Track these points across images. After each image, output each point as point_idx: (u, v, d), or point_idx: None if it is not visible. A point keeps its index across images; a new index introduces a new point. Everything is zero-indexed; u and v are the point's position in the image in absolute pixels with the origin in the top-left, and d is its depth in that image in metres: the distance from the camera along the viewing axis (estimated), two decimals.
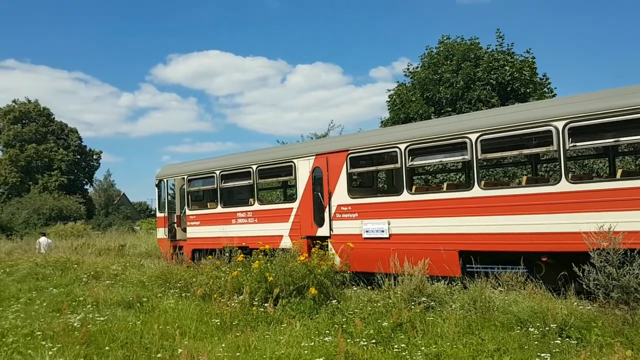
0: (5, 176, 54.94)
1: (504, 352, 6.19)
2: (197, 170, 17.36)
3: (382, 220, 12.05)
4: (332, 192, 13.15)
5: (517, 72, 24.14)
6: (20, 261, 17.08)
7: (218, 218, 16.24)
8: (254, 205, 15.22)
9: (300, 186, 14.00)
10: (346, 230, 12.72)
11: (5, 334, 7.89)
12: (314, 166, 13.70)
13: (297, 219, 14.01)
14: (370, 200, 12.61)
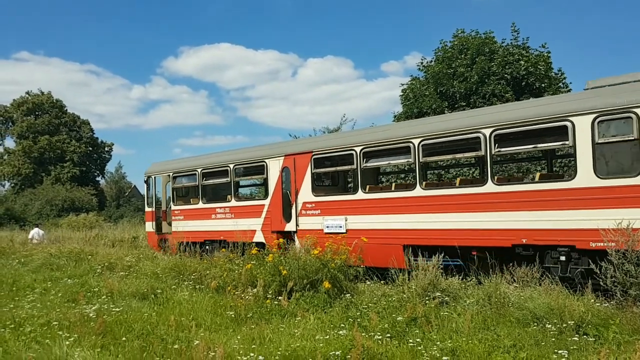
0: (19, 167, 55.45)
1: (520, 349, 6.16)
2: (181, 168, 18.44)
3: (341, 217, 13.08)
4: (299, 190, 14.15)
5: (532, 67, 23.92)
6: (35, 252, 17.25)
7: (200, 213, 17.26)
8: (231, 202, 16.22)
9: (271, 184, 15.00)
10: (310, 226, 13.70)
11: (23, 324, 7.99)
12: (283, 166, 14.68)
13: (269, 214, 14.98)
14: (331, 199, 13.66)
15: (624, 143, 8.92)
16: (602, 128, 9.13)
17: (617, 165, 9.10)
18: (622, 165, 9.02)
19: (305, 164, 14.06)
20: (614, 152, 9.12)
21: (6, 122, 59.73)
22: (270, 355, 5.99)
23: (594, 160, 9.14)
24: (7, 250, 18.53)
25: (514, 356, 5.89)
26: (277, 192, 14.85)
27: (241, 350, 6.26)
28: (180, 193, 18.72)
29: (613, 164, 9.13)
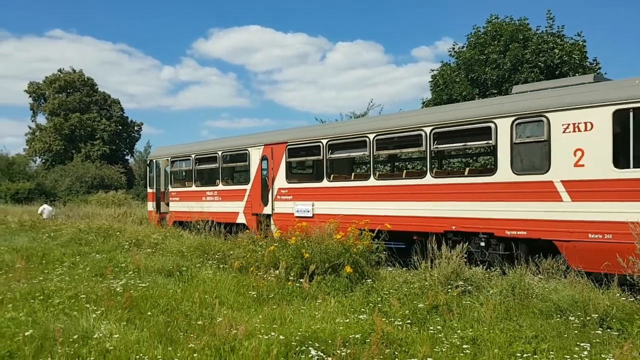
0: (50, 144, 56.62)
1: (542, 340, 6.11)
2: (179, 153, 20.20)
3: (308, 202, 14.51)
4: (275, 177, 15.61)
5: (566, 56, 23.37)
6: (64, 226, 17.67)
7: (193, 195, 19.01)
8: (219, 186, 17.91)
9: (253, 171, 16.50)
10: (283, 210, 15.24)
11: (52, 296, 8.20)
12: (263, 154, 16.11)
13: (250, 198, 16.53)
14: (301, 185, 15.07)
15: (536, 143, 10.13)
16: (519, 129, 10.37)
17: (529, 163, 10.27)
18: (534, 163, 10.18)
19: (281, 153, 15.46)
20: (527, 151, 10.32)
21: (38, 99, 60.85)
22: (290, 335, 6.05)
23: (511, 158, 10.36)
24: (38, 225, 19.01)
25: (535, 347, 5.85)
26: (257, 178, 16.30)
27: (262, 329, 6.35)
28: (177, 176, 20.54)
29: (527, 161, 10.32)
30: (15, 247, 13.69)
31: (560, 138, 9.74)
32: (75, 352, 5.49)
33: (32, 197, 41.81)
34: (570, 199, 9.57)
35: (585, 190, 9.42)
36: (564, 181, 9.68)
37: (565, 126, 9.71)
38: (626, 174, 8.94)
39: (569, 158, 9.62)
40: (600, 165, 9.26)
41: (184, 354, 5.51)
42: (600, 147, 9.26)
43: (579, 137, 9.52)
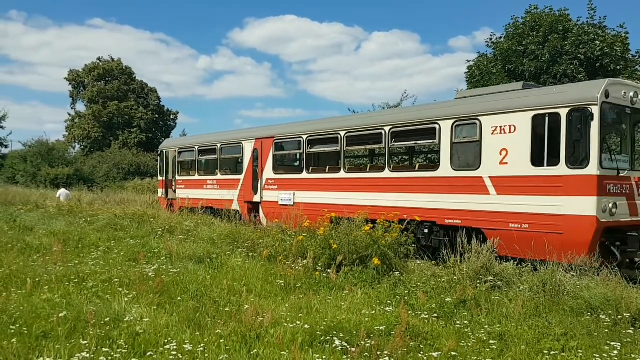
0: (89, 131, 57.93)
1: (571, 338, 6.00)
2: (185, 145, 22.34)
3: (290, 192, 16.07)
4: (264, 169, 17.26)
5: (607, 48, 22.66)
6: (100, 212, 18.08)
7: (196, 183, 20.84)
8: (218, 176, 19.70)
9: (246, 162, 18.22)
10: (270, 198, 16.90)
11: (86, 279, 8.43)
12: (254, 147, 17.81)
13: (243, 187, 18.26)
14: (285, 177, 16.61)
15: (470, 143, 11.48)
16: (458, 131, 11.74)
17: (465, 160, 11.64)
18: (468, 160, 11.53)
19: (269, 147, 17.13)
20: (464, 150, 11.70)
21: (78, 86, 62.27)
22: (316, 325, 6.10)
23: (451, 156, 11.77)
24: (75, 210, 19.51)
25: (564, 344, 5.76)
26: (249, 169, 18.01)
27: (288, 317, 6.41)
28: (183, 166, 22.23)
29: (463, 159, 11.69)
30: (53, 231, 14.08)
31: (489, 139, 11.07)
32: (106, 334, 5.65)
33: (71, 182, 42.94)
34: (496, 193, 10.93)
35: (508, 185, 10.73)
36: (491, 177, 11.03)
37: (494, 128, 11.04)
38: (541, 172, 10.20)
39: (495, 156, 10.93)
40: (520, 163, 10.53)
41: (211, 339, 5.61)
42: (521, 147, 10.54)
43: (504, 138, 10.85)
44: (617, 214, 9.89)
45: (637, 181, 10.52)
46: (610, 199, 9.81)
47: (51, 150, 49.47)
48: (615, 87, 10.21)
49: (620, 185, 10.09)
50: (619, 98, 10.26)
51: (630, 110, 10.65)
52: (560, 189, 9.92)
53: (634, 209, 10.38)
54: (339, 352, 5.34)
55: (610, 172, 9.92)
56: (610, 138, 11.37)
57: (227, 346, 5.44)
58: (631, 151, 11.09)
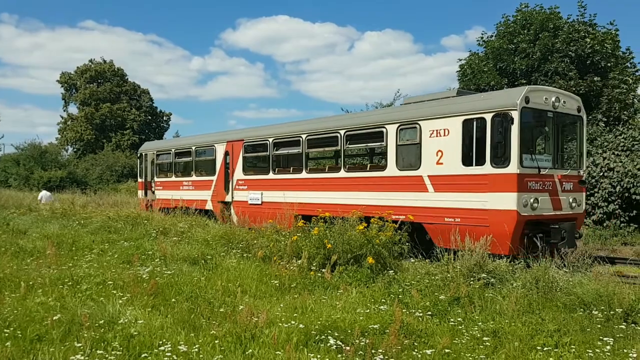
0: (81, 133, 57.68)
1: (564, 333, 6.05)
2: (162, 148, 23.45)
3: (259, 192, 17.00)
4: (234, 170, 18.21)
5: (598, 45, 22.77)
6: (94, 214, 18.02)
7: (173, 185, 21.87)
8: (193, 177, 20.66)
9: (218, 164, 19.05)
10: (240, 198, 17.84)
11: (80, 282, 8.40)
12: (226, 150, 18.68)
13: (216, 188, 19.13)
14: (254, 177, 17.54)
15: (412, 145, 12.51)
16: (402, 134, 12.77)
17: (408, 161, 12.70)
18: (411, 161, 12.62)
19: (239, 149, 18.10)
20: (407, 151, 12.75)
21: (70, 89, 62.00)
22: (310, 324, 6.11)
23: (396, 157, 12.81)
24: (68, 212, 19.43)
25: (557, 340, 5.81)
26: (222, 171, 18.83)
27: (283, 317, 6.42)
28: (161, 168, 23.20)
29: (406, 160, 12.74)
30: (47, 234, 14.03)
31: (428, 141, 12.07)
32: (100, 336, 5.64)
33: (64, 185, 42.74)
34: (433, 190, 11.94)
35: (443, 183, 11.73)
36: (430, 176, 12.05)
37: (431, 132, 12.02)
38: (470, 171, 11.21)
39: (433, 157, 11.94)
40: (453, 163, 11.51)
41: (205, 340, 5.62)
42: (453, 149, 11.55)
43: (440, 140, 11.83)
44: (538, 209, 10.87)
45: (560, 178, 11.52)
46: (531, 194, 10.79)
47: (44, 153, 49.21)
48: (536, 93, 11.19)
49: (542, 183, 11.10)
50: (540, 103, 11.23)
51: (553, 114, 11.68)
52: (485, 186, 10.90)
53: (557, 204, 11.42)
54: (333, 351, 5.36)
55: (531, 170, 10.88)
56: (533, 139, 12.22)
57: (222, 347, 5.45)
58: (554, 151, 11.92)
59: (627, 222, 18.14)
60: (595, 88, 22.10)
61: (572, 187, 11.86)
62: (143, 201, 23.60)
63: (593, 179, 18.95)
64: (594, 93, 22.36)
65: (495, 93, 12.29)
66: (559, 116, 11.93)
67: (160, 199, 22.05)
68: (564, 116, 12.11)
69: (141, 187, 24.33)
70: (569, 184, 11.78)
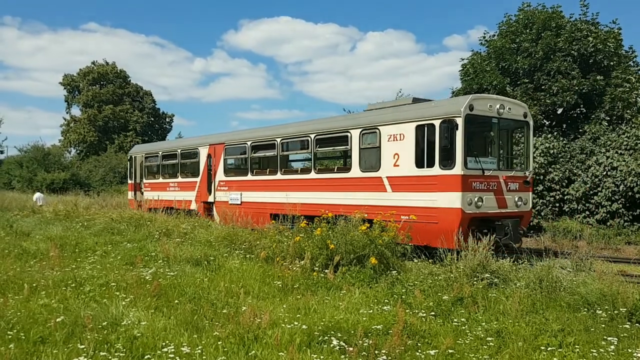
0: (84, 135, 57.79)
1: (568, 333, 6.04)
2: (150, 151, 24.66)
3: (238, 192, 18.07)
4: (216, 172, 19.23)
5: (600, 44, 22.69)
6: (97, 216, 18.06)
7: (160, 186, 22.93)
8: (179, 178, 21.74)
9: (202, 166, 20.13)
10: (221, 198, 18.88)
11: (83, 283, 8.41)
12: (208, 153, 19.74)
13: (199, 189, 20.22)
14: (234, 179, 18.57)
15: (373, 149, 13.41)
16: (364, 138, 13.76)
17: (369, 163, 13.60)
18: (372, 163, 13.50)
19: (220, 152, 19.12)
20: (368, 154, 13.63)
21: (73, 91, 62.11)
22: (313, 325, 6.11)
23: (359, 160, 13.79)
24: (72, 214, 19.48)
25: (561, 340, 5.79)
26: (205, 172, 19.91)
27: (286, 318, 6.41)
28: (149, 170, 24.28)
29: (368, 162, 13.65)
30: (50, 236, 14.07)
31: (386, 145, 13.01)
32: (104, 338, 5.64)
33: (67, 187, 42.81)
34: (391, 190, 12.89)
35: (400, 184, 12.68)
36: (388, 177, 12.99)
37: (389, 136, 12.98)
38: (422, 172, 12.20)
39: (391, 160, 12.89)
40: (408, 165, 12.50)
41: (208, 341, 5.62)
42: (408, 152, 12.51)
43: (396, 144, 12.79)
44: (483, 207, 11.81)
45: (505, 179, 12.42)
46: (476, 194, 11.73)
47: (47, 155, 49.31)
48: (480, 101, 12.08)
49: (486, 183, 12.04)
50: (484, 110, 12.13)
51: (497, 120, 12.61)
52: (435, 186, 11.88)
53: (503, 203, 12.38)
54: (336, 352, 5.35)
55: (476, 172, 11.80)
56: (478, 143, 13.16)
57: (225, 348, 5.45)
58: (498, 154, 13.20)
59: (631, 221, 18.09)
60: (598, 87, 22.03)
61: (517, 187, 12.77)
62: (133, 202, 24.46)
63: (596, 178, 18.90)
64: (596, 92, 22.30)
65: (444, 101, 13.07)
66: (504, 122, 12.87)
67: (149, 199, 22.87)
68: (510, 122, 13.04)
69: (131, 189, 25.42)
70: (514, 184, 12.68)
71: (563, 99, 21.92)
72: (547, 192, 19.88)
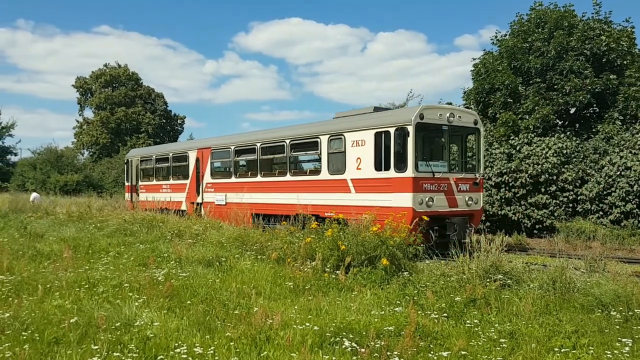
0: (97, 137, 58.24)
1: (582, 335, 5.98)
2: (145, 154, 26.07)
3: (223, 194, 19.35)
4: (204, 174, 20.65)
5: (613, 43, 22.45)
6: (110, 217, 18.17)
7: (154, 188, 24.40)
8: (170, 181, 23.19)
9: (191, 169, 21.61)
10: (208, 199, 20.24)
11: (96, 284, 8.48)
12: (197, 157, 21.18)
13: (189, 190, 21.67)
14: (220, 181, 19.85)
15: (339, 153, 14.70)
16: (332, 144, 15.01)
17: (336, 167, 14.89)
18: (338, 167, 14.79)
19: (207, 156, 20.53)
20: (335, 159, 14.90)
21: (85, 93, 62.61)
22: (325, 326, 6.10)
23: (328, 163, 15.08)
24: (85, 216, 19.62)
25: (574, 342, 5.74)
26: (194, 175, 21.32)
27: (297, 319, 6.41)
28: (144, 173, 25.61)
29: (335, 166, 14.94)
30: (63, 237, 14.18)
31: (351, 150, 14.30)
32: (117, 339, 5.68)
33: (80, 188, 43.18)
34: (355, 191, 14.16)
35: (362, 185, 13.95)
36: (352, 179, 14.27)
37: (353, 142, 14.24)
38: (380, 175, 13.40)
39: (354, 164, 14.16)
40: (368, 169, 13.72)
41: (221, 342, 5.63)
42: (368, 156, 13.73)
43: (359, 150, 14.03)
44: (434, 206, 12.99)
45: (455, 181, 13.59)
46: (427, 194, 12.93)
47: (60, 157, 49.77)
48: (430, 111, 13.32)
49: (437, 184, 13.23)
50: (434, 118, 13.37)
51: (447, 127, 13.83)
52: (391, 188, 13.08)
53: (453, 202, 13.54)
54: (348, 353, 5.34)
55: (426, 174, 13.04)
56: (429, 149, 14.63)
57: (237, 349, 5.46)
58: (449, 158, 14.55)
59: None
60: (611, 86, 21.81)
61: (468, 188, 13.89)
62: (130, 204, 25.46)
63: (610, 178, 18.71)
64: (610, 91, 22.07)
65: (399, 110, 14.60)
66: (455, 129, 14.10)
67: (144, 200, 24.16)
68: (460, 129, 14.28)
69: (128, 190, 26.90)
70: (465, 185, 13.82)
71: (576, 98, 21.72)
72: (560, 192, 19.70)
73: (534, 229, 19.56)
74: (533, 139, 20.78)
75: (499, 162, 20.36)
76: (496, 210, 20.03)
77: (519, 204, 19.83)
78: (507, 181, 20.02)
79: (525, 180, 19.53)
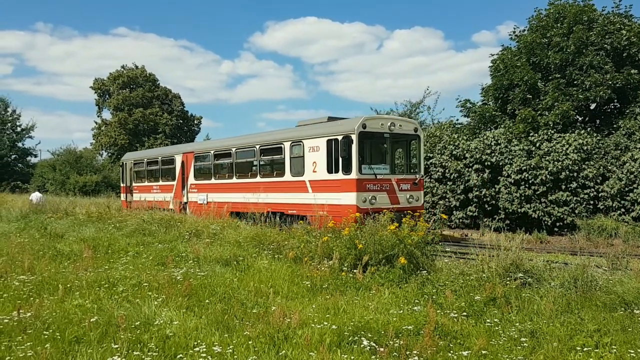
0: (115, 138, 58.82)
1: (604, 334, 5.87)
2: (138, 158, 28.42)
3: (205, 194, 21.33)
4: (188, 176, 22.68)
5: (634, 37, 22.09)
6: (129, 217, 18.32)
7: (145, 188, 26.47)
8: (160, 182, 25.21)
9: (177, 171, 23.65)
10: (193, 199, 22.23)
11: (116, 284, 8.55)
12: (182, 160, 23.27)
13: (176, 191, 23.70)
14: (202, 182, 21.80)
15: (299, 158, 16.54)
16: (293, 149, 16.87)
17: (297, 170, 16.71)
18: (298, 170, 16.59)
19: (191, 159, 22.56)
20: (296, 162, 16.72)
21: (103, 94, 63.29)
22: (343, 325, 6.08)
23: (290, 166, 16.94)
24: (104, 216, 19.80)
25: (597, 341, 5.64)
26: (180, 177, 23.38)
27: (315, 318, 6.40)
28: (138, 175, 27.56)
29: (296, 169, 16.75)
30: (83, 238, 14.33)
31: (308, 155, 16.14)
32: (137, 337, 5.72)
33: (99, 189, 43.65)
34: (312, 192, 15.94)
35: (317, 186, 15.75)
36: (309, 181, 16.09)
37: (310, 148, 16.08)
38: (331, 177, 15.31)
39: (311, 167, 16.00)
40: (322, 171, 15.59)
41: (239, 341, 5.64)
42: (322, 161, 15.64)
43: (315, 155, 15.90)
44: (377, 203, 14.71)
45: (396, 181, 15.56)
46: (370, 193, 14.83)
47: (79, 158, 50.35)
48: (372, 121, 15.42)
49: (379, 185, 15.15)
50: (377, 127, 15.42)
51: (389, 135, 15.82)
52: (339, 188, 15.00)
53: (395, 200, 15.45)
54: (367, 352, 5.31)
55: (369, 176, 15.00)
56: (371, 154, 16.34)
57: (256, 347, 5.46)
58: (392, 161, 16.58)
59: None
60: (633, 81, 21.45)
61: (408, 187, 15.82)
62: (125, 204, 27.43)
63: (632, 174, 18.40)
64: (631, 86, 21.72)
65: (346, 120, 15.99)
66: (396, 136, 16.10)
67: (137, 200, 25.99)
68: (402, 136, 16.31)
69: (123, 191, 28.96)
70: (406, 185, 15.75)
71: (596, 93, 21.40)
72: (580, 189, 19.42)
73: (555, 226, 19.32)
74: (553, 136, 20.50)
75: (518, 159, 20.12)
76: (516, 208, 19.80)
77: (539, 202, 19.59)
78: (526, 178, 19.79)
79: (545, 177, 19.29)
